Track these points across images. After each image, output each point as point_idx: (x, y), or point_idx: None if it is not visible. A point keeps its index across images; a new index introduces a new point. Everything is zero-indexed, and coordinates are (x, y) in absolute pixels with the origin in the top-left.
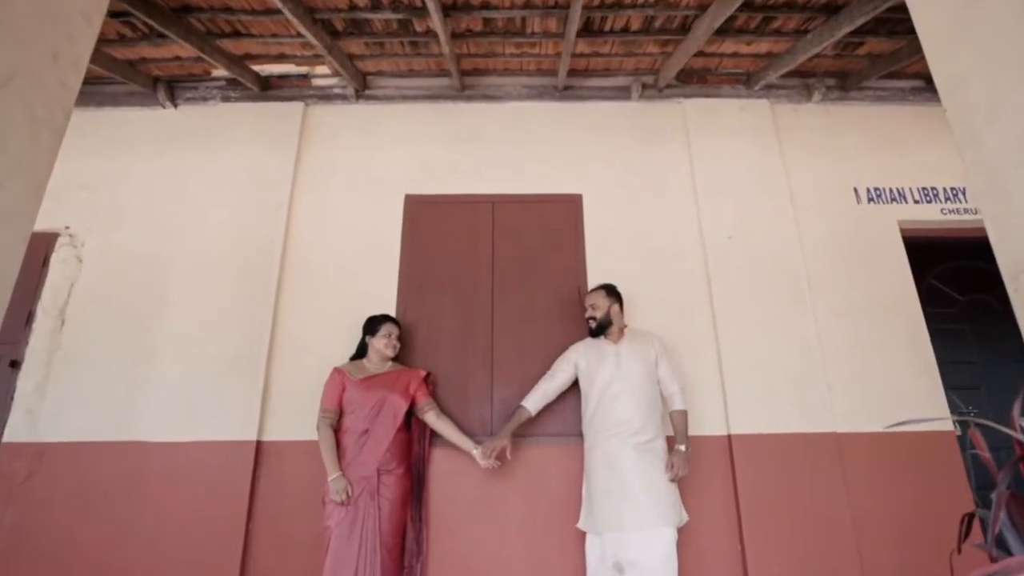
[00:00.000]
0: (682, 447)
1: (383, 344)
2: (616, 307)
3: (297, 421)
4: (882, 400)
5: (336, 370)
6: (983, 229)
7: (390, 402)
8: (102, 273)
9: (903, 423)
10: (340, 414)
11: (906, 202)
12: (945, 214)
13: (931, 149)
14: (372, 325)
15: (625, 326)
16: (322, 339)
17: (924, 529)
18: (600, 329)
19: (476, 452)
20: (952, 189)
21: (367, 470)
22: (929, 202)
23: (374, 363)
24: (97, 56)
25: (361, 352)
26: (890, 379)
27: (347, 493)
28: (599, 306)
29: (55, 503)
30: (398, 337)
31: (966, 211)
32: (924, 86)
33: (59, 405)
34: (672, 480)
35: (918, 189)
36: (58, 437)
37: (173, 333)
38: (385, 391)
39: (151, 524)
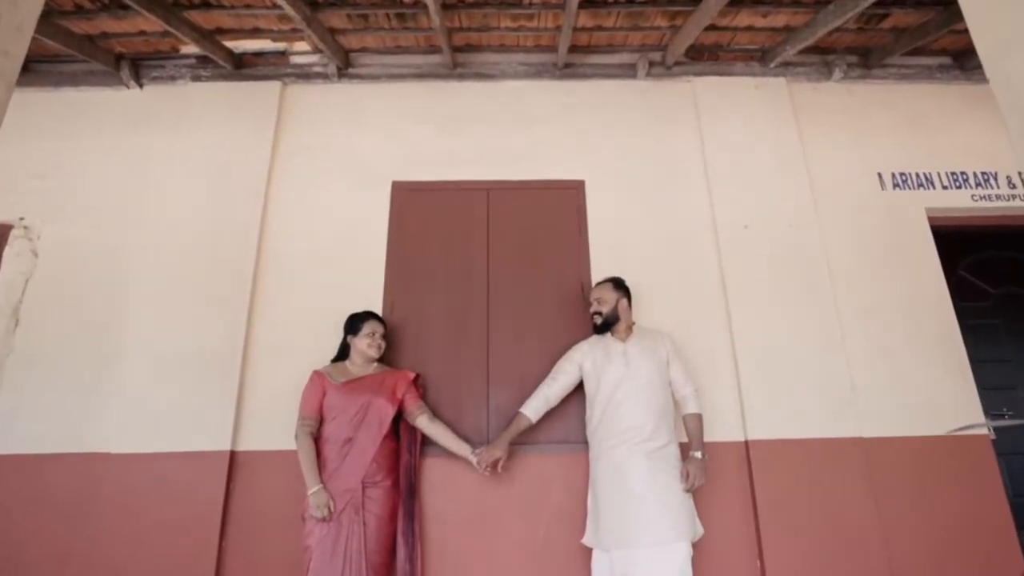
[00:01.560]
0: (698, 454)
1: (366, 344)
2: (624, 302)
3: (274, 429)
4: (911, 401)
5: (316, 373)
6: (1018, 216)
7: (375, 407)
8: (60, 268)
9: (968, 427)
10: (321, 421)
11: (934, 188)
12: (976, 200)
13: (960, 131)
14: (354, 323)
15: (633, 323)
16: (301, 340)
17: (959, 540)
18: (606, 325)
19: (473, 457)
20: (983, 173)
21: (351, 482)
22: (959, 188)
23: (357, 365)
24: (53, 30)
25: (343, 354)
26: (919, 379)
27: (329, 508)
28: (606, 300)
29: (6, 521)
30: (383, 336)
31: (998, 197)
32: (951, 63)
33: (11, 413)
34: (688, 490)
35: (947, 174)
36: (10, 448)
37: (138, 334)
38: (370, 395)
39: (113, 544)
